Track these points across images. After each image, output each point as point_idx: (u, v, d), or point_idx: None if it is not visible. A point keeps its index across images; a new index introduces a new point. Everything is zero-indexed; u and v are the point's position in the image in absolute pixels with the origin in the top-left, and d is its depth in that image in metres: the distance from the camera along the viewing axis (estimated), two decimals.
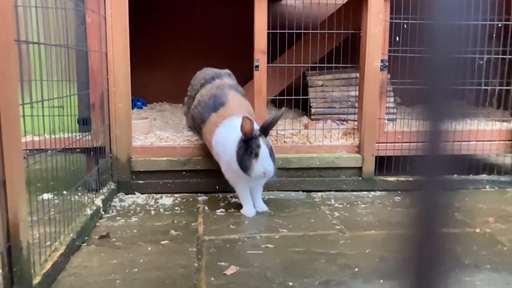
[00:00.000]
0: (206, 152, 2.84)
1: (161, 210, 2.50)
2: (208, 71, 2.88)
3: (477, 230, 2.23)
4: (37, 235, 1.68)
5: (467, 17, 0.44)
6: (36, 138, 2.29)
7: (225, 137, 2.38)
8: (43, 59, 1.88)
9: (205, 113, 2.56)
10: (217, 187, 2.81)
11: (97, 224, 2.26)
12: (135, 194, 2.75)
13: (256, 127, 2.29)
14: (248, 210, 2.44)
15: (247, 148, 2.21)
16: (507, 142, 3.05)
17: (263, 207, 2.50)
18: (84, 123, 2.59)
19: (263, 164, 2.19)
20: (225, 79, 2.77)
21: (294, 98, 3.25)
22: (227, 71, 2.88)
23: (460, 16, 0.43)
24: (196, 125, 2.66)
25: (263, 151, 2.20)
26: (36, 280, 1.51)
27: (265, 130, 2.30)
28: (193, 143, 2.91)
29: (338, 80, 3.55)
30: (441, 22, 0.44)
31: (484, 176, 3.01)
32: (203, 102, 2.61)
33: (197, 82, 2.82)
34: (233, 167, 2.30)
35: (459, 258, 1.74)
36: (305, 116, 3.70)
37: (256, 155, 2.19)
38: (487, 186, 2.98)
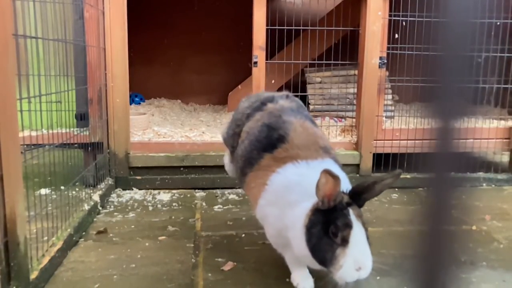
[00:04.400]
0: (204, 148, 2.84)
1: (159, 206, 2.50)
2: (255, 96, 1.96)
3: (474, 227, 2.23)
4: (35, 230, 1.68)
5: (469, 15, 0.44)
6: (33, 133, 2.29)
7: (282, 196, 1.48)
8: (41, 53, 1.87)
9: (254, 152, 1.65)
10: (214, 183, 2.81)
11: (95, 219, 2.26)
12: (132, 189, 2.75)
13: (344, 187, 1.38)
14: (301, 282, 1.60)
15: (327, 225, 1.32)
16: (504, 140, 3.06)
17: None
18: (82, 118, 2.58)
19: (358, 259, 1.29)
20: (282, 101, 1.84)
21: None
22: (284, 92, 1.94)
23: (474, 14, 0.43)
24: (240, 169, 1.74)
25: (357, 235, 1.31)
26: (34, 275, 1.51)
27: (359, 196, 1.38)
28: (191, 139, 2.91)
29: (336, 77, 3.55)
30: (454, 20, 0.44)
31: (481, 174, 3.02)
32: (252, 135, 1.71)
33: (240, 114, 1.88)
34: (299, 251, 1.42)
35: (456, 255, 1.74)
36: None
37: (345, 241, 1.30)
38: (484, 184, 2.99)
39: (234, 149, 1.87)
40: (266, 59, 2.79)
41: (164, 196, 2.66)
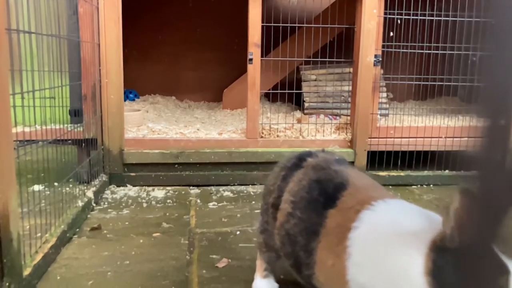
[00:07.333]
0: (198, 145, 2.83)
1: (153, 202, 2.49)
2: (286, 158, 1.49)
3: None
4: (28, 227, 1.67)
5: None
6: (27, 129, 2.27)
7: (375, 249, 1.02)
8: (34, 49, 1.85)
9: (312, 216, 1.22)
10: (209, 180, 2.81)
11: (89, 216, 2.25)
12: (127, 186, 2.74)
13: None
14: None
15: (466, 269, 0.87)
16: None
17: None
18: (76, 115, 2.57)
19: None
20: (322, 154, 1.45)
21: (287, 92, 3.26)
22: (319, 149, 1.54)
23: None
24: (298, 249, 1.24)
25: None
26: (27, 272, 1.50)
27: None
28: (186, 136, 2.91)
29: (331, 74, 3.55)
30: (506, 21, 0.44)
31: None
32: (302, 200, 1.28)
33: (273, 179, 1.45)
34: None
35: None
36: (298, 111, 3.70)
37: None
38: None
39: (265, 232, 1.45)
40: (261, 56, 2.79)
41: (159, 193, 2.66)
